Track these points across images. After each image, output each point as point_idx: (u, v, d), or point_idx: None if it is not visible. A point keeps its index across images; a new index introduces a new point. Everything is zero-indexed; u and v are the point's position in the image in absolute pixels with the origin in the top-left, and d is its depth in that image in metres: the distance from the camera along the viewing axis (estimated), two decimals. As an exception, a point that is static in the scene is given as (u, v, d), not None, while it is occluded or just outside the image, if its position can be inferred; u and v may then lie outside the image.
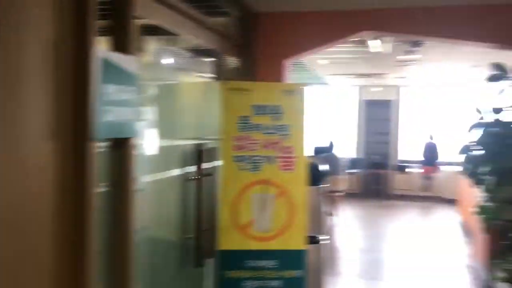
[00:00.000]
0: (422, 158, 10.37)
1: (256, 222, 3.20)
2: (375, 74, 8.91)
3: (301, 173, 3.27)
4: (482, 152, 4.24)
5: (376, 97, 11.26)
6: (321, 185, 4.16)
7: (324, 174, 4.24)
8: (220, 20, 4.07)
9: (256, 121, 3.24)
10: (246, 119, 3.24)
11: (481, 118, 4.23)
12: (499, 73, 4.00)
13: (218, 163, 3.28)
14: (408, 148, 11.17)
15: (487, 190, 4.25)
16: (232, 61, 4.25)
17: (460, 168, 9.66)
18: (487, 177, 4.20)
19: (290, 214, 3.25)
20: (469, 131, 4.34)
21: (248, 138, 3.23)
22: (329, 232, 7.38)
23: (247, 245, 3.19)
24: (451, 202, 10.13)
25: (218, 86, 3.33)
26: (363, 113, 11.45)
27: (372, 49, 5.87)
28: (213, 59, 4.19)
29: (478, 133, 4.22)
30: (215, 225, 3.22)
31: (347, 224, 8.02)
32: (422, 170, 10.24)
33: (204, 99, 3.67)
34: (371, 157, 11.13)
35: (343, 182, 8.22)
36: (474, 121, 4.33)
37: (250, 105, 3.25)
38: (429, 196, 10.26)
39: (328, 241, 4.22)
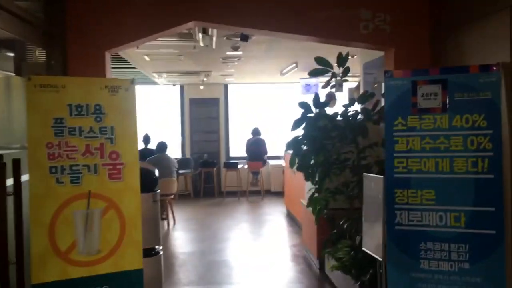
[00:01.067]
0: (248, 153, 10.67)
1: (79, 244, 2.70)
2: (201, 71, 8.82)
3: (132, 181, 2.87)
4: (308, 145, 4.40)
5: (203, 95, 11.25)
6: (156, 191, 3.83)
7: (156, 178, 3.89)
8: (23, 3, 3.39)
9: (74, 123, 2.73)
10: (61, 122, 2.70)
11: (306, 112, 4.38)
12: (321, 68, 4.18)
13: (27, 177, 2.67)
14: (238, 145, 11.44)
15: (315, 182, 4.45)
16: (40, 53, 3.58)
17: (285, 162, 10.38)
18: (314, 169, 4.41)
19: (122, 230, 2.83)
20: (294, 125, 4.45)
21: (65, 144, 2.71)
22: (164, 239, 7.04)
23: (69, 274, 2.66)
24: (279, 194, 10.75)
25: (22, 83, 2.71)
26: (190, 112, 11.34)
27: (198, 43, 5.68)
28: (13, 50, 3.47)
29: (305, 127, 4.37)
30: (26, 255, 2.61)
31: (182, 228, 7.77)
32: (250, 166, 10.56)
33: (3, 99, 2.98)
34: (200, 156, 11.09)
35: (175, 184, 7.94)
36: (299, 116, 4.48)
37: (66, 104, 2.73)
38: (258, 190, 10.66)
39: (162, 251, 3.90)
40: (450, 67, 3.51)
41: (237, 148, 11.41)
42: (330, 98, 8.64)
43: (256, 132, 10.76)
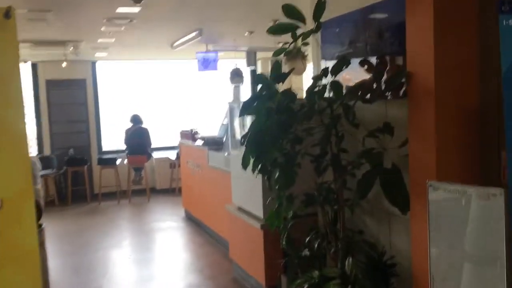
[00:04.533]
0: (128, 146, 8.94)
1: None
2: (69, 41, 6.83)
3: None
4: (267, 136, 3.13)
5: (64, 76, 9.10)
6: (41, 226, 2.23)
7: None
8: None
9: None
10: None
11: (266, 90, 3.08)
12: (287, 23, 2.91)
13: None
14: (114, 136, 9.58)
15: (271, 186, 3.21)
16: None
17: (174, 154, 8.90)
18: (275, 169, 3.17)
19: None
20: (244, 108, 3.15)
21: None
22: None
23: None
24: (166, 192, 9.23)
25: None
26: (48, 97, 9.11)
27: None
28: None
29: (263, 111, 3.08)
30: None
31: (48, 250, 5.86)
32: (130, 161, 8.84)
33: None
34: (65, 153, 8.99)
35: (40, 194, 5.97)
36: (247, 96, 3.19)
37: None
38: (142, 189, 9.02)
39: None
40: None
41: (114, 140, 9.54)
42: (237, 75, 7.45)
43: (136, 120, 9.03)
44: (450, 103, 2.24)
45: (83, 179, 8.90)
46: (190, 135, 6.82)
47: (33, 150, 9.09)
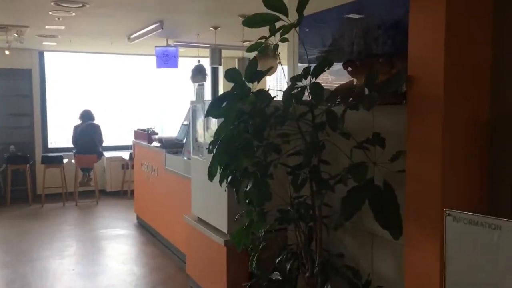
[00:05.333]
0: (77, 145, 8.29)
1: None
2: (12, 26, 6.16)
3: None
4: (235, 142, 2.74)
5: (7, 65, 8.34)
6: None
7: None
8: None
9: None
10: None
11: (239, 89, 2.68)
12: (269, 14, 2.53)
13: None
14: (61, 133, 8.88)
15: (239, 200, 2.83)
16: None
17: (127, 154, 8.33)
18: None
19: None
20: (212, 107, 2.75)
21: None
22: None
23: None
24: (116, 195, 8.65)
25: None
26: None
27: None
28: None
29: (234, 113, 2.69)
30: None
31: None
32: (78, 160, 8.19)
33: None
34: (5, 149, 8.23)
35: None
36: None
37: None
38: (91, 191, 8.39)
39: None
40: None
41: (61, 136, 8.84)
42: (199, 73, 6.99)
43: (87, 116, 8.38)
44: (460, 114, 1.93)
45: (24, 178, 8.17)
46: (146, 135, 6.31)
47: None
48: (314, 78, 2.67)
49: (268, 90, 2.69)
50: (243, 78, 2.71)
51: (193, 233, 4.10)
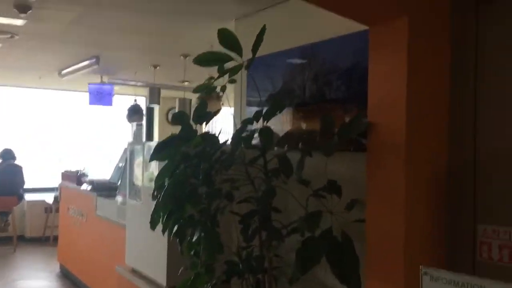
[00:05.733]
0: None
1: None
2: None
3: None
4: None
5: None
6: None
7: None
8: None
9: None
10: None
11: (186, 131, 2.51)
12: (221, 54, 2.42)
13: None
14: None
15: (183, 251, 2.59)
16: None
17: (51, 197, 7.74)
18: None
19: None
20: (156, 151, 2.55)
21: None
22: None
23: None
24: (36, 242, 7.95)
25: None
26: None
27: None
28: None
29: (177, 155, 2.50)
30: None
31: None
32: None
33: None
34: None
35: None
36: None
37: None
38: (8, 237, 7.65)
39: None
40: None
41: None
42: (136, 112, 6.71)
43: (7, 155, 7.74)
44: (422, 162, 1.88)
45: None
46: (75, 177, 5.88)
47: None
48: (265, 122, 2.57)
49: (219, 133, 2.55)
50: (191, 120, 2.57)
51: (127, 287, 3.75)
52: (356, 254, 2.07)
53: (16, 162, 7.75)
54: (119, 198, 4.57)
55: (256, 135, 2.48)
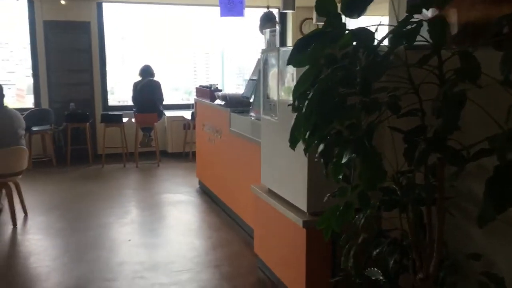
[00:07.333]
0: (137, 103, 7.93)
1: None
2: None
3: None
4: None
5: (66, 17, 8.03)
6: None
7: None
8: None
9: None
10: None
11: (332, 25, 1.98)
12: None
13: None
14: (121, 90, 8.57)
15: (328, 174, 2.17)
16: None
17: (189, 114, 7.87)
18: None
19: None
20: (297, 49, 2.06)
21: None
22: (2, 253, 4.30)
23: None
24: (178, 157, 8.28)
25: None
26: (46, 42, 8.06)
27: None
28: None
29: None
30: None
31: (36, 227, 4.99)
32: (139, 119, 7.84)
33: None
34: (65, 106, 8.01)
35: (22, 157, 5.05)
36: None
37: None
38: (151, 152, 8.07)
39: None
40: None
41: (121, 94, 8.53)
42: (269, 20, 6.28)
43: (146, 72, 7.97)
44: None
45: (84, 137, 7.95)
46: (209, 93, 5.74)
47: (28, 101, 8.20)
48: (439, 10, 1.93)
49: (376, 29, 1.97)
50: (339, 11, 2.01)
51: (263, 207, 3.52)
52: None
53: (155, 78, 7.96)
54: (252, 114, 4.28)
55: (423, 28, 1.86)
